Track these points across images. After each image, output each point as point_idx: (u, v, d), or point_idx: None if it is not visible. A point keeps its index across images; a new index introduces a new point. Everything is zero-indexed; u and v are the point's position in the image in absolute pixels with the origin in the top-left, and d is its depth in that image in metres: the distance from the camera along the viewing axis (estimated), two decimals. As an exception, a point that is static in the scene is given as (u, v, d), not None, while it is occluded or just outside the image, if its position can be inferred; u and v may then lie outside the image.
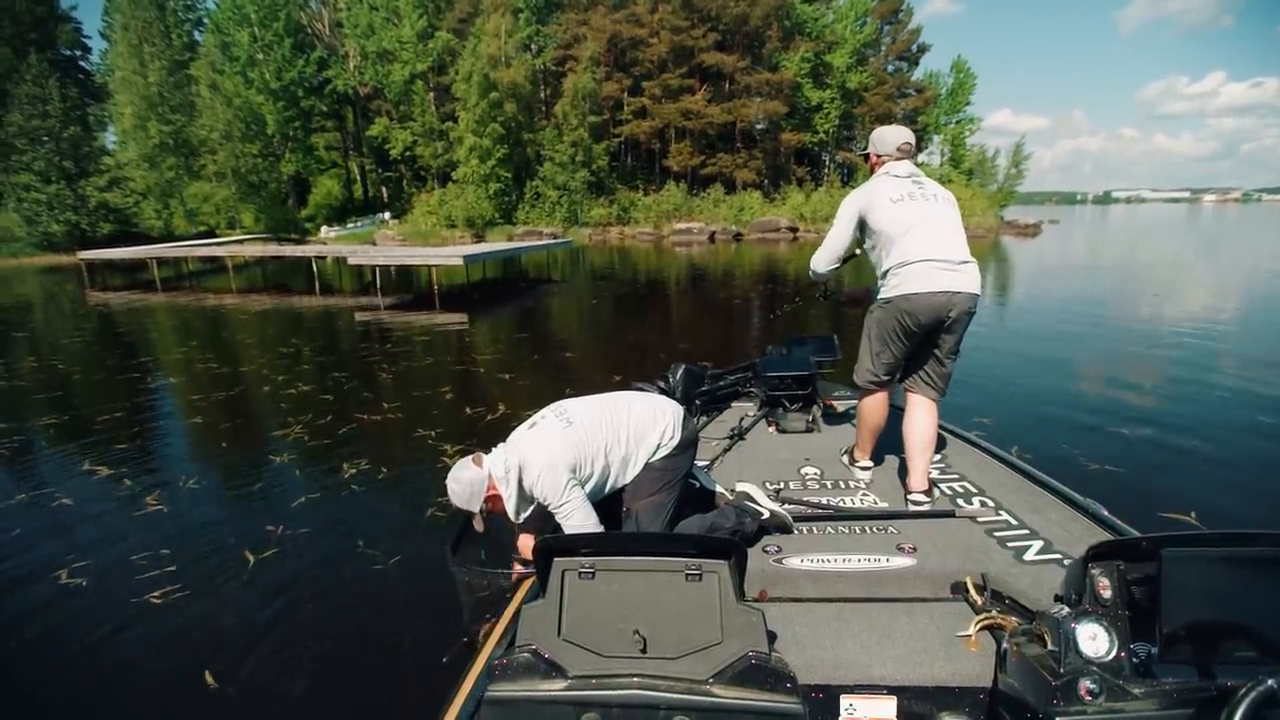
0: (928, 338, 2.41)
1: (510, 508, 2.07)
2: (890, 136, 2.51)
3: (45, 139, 25.85)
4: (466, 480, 2.04)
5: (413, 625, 2.75)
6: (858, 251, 2.61)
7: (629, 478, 2.14)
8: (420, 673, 2.47)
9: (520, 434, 2.12)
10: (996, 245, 26.54)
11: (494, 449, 2.11)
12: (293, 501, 4.00)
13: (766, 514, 2.21)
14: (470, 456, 2.11)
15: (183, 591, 3.06)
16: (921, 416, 2.48)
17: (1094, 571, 1.33)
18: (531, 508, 2.11)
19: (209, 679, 2.47)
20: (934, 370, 2.47)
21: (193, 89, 31.95)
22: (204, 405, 6.22)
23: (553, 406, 2.18)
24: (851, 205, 2.47)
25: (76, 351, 9.10)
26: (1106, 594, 1.30)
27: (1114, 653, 1.26)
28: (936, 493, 2.48)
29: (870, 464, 2.72)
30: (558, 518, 2.03)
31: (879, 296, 2.45)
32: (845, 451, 2.92)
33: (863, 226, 2.46)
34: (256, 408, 6.20)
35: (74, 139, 26.74)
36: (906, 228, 2.33)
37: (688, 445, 2.20)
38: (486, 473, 2.05)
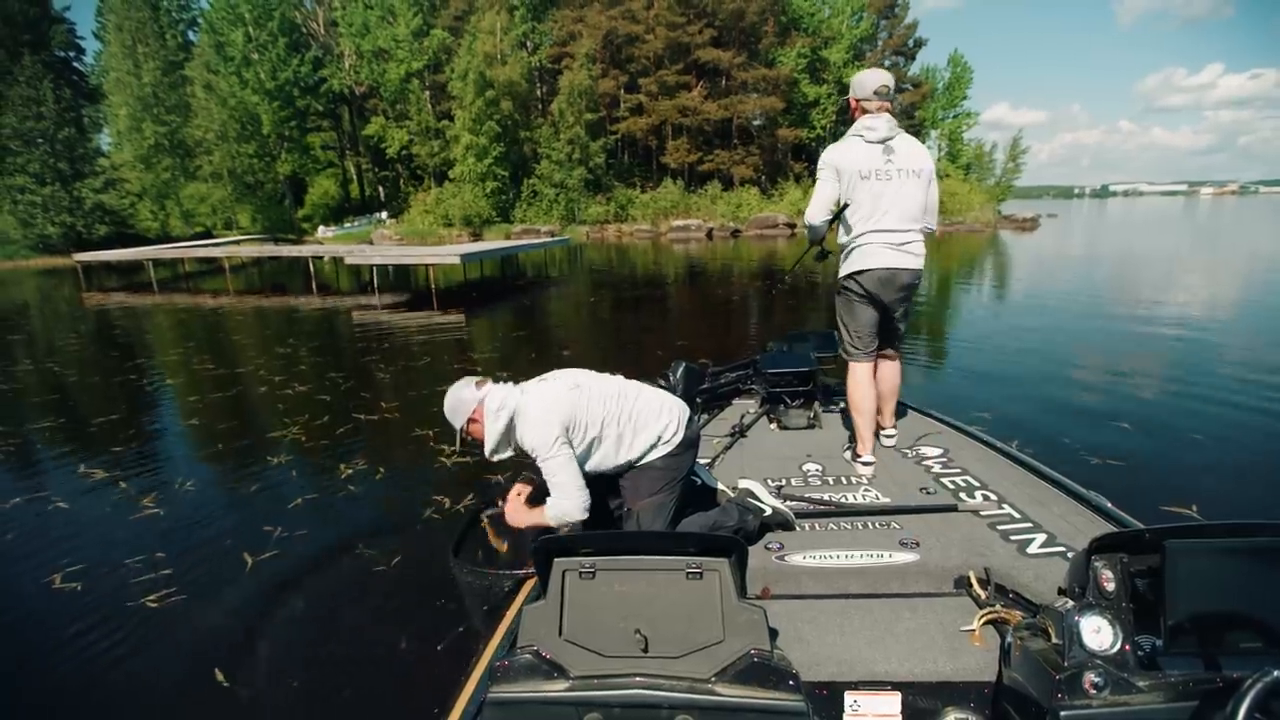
0: (885, 307, 2.76)
1: (488, 444, 2.08)
2: (868, 80, 2.64)
3: (40, 141, 25.78)
4: (460, 397, 2.10)
5: (414, 627, 2.71)
6: (847, 201, 2.69)
7: (620, 459, 2.11)
8: (423, 675, 2.44)
9: (529, 383, 2.15)
10: (994, 239, 26.55)
11: (504, 382, 2.15)
12: (291, 502, 3.97)
13: (769, 511, 2.20)
14: (478, 377, 2.16)
15: (179, 595, 3.03)
16: (885, 369, 2.93)
17: (1097, 564, 1.32)
18: (509, 451, 2.12)
19: (219, 677, 2.45)
20: (889, 330, 2.86)
21: (187, 89, 31.91)
22: (201, 407, 6.20)
23: (568, 370, 2.19)
24: (829, 162, 2.66)
25: (73, 354, 9.08)
26: (1110, 586, 1.29)
27: (1118, 645, 1.24)
28: (938, 487, 2.47)
29: (873, 459, 2.74)
30: (544, 473, 2.04)
31: (839, 275, 2.82)
32: (846, 447, 2.94)
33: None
34: (253, 409, 6.18)
35: (69, 140, 26.68)
36: (865, 206, 2.61)
37: (690, 445, 2.18)
38: (480, 399, 2.08)
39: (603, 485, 2.23)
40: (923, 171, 2.63)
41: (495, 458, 2.11)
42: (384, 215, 36.33)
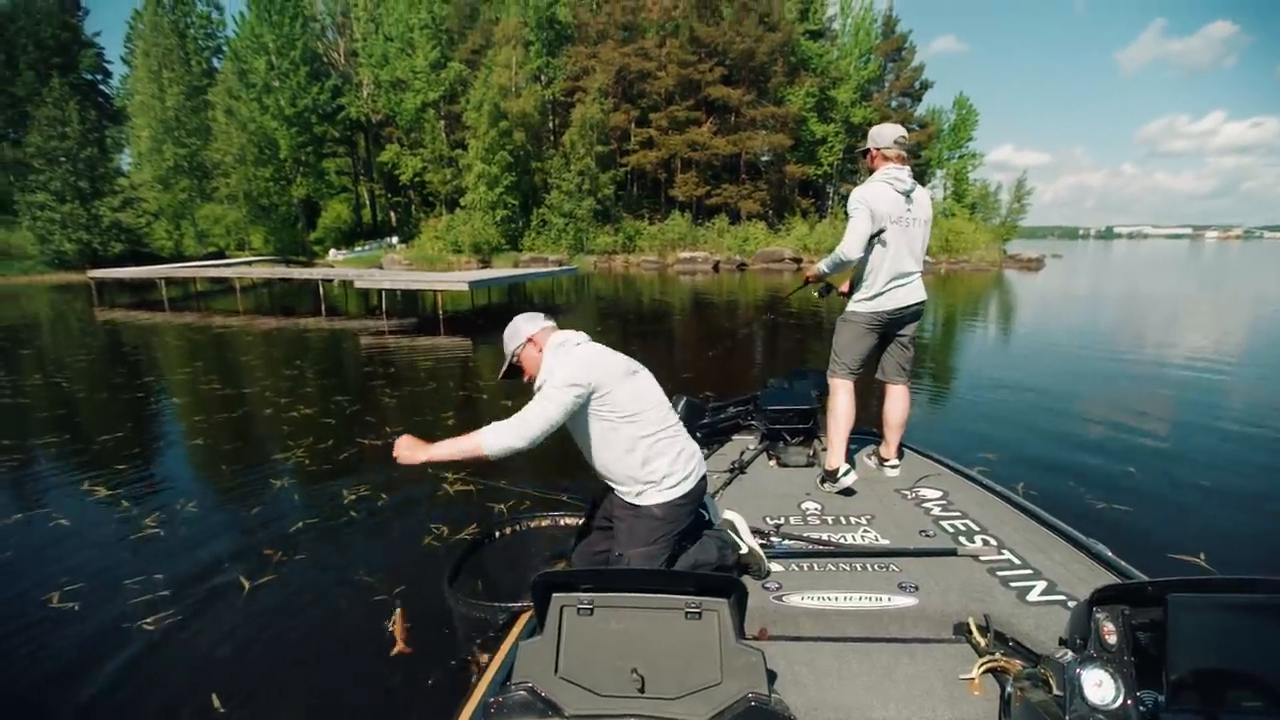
0: (889, 336, 3.03)
1: (541, 373, 2.05)
2: (887, 131, 2.90)
3: (62, 159, 26.30)
4: (529, 319, 2.15)
5: (409, 658, 2.70)
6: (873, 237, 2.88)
7: (624, 466, 2.03)
8: (415, 709, 2.42)
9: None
10: (999, 278, 26.63)
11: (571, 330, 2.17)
12: (291, 526, 3.97)
13: (744, 550, 2.16)
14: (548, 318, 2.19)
15: (176, 617, 3.02)
16: (897, 400, 3.10)
17: (1099, 616, 1.31)
18: (536, 389, 2.07)
19: (215, 703, 2.43)
20: (901, 360, 3.07)
21: (209, 114, 32.62)
22: (206, 427, 6.22)
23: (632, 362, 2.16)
24: (864, 200, 2.81)
25: (81, 369, 9.14)
26: (1111, 639, 1.28)
27: (1120, 700, 1.23)
28: (938, 530, 2.46)
29: (849, 466, 2.89)
30: (535, 398, 1.98)
31: (850, 307, 3.02)
32: (821, 477, 2.98)
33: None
34: (258, 430, 6.20)
35: (90, 160, 27.21)
36: (888, 248, 2.84)
37: (694, 500, 2.11)
38: (548, 329, 2.13)
39: (604, 523, 2.23)
40: (929, 220, 2.94)
41: (536, 388, 2.07)
42: (394, 240, 36.76)
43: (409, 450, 1.97)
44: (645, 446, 2.02)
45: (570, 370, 1.95)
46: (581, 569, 1.93)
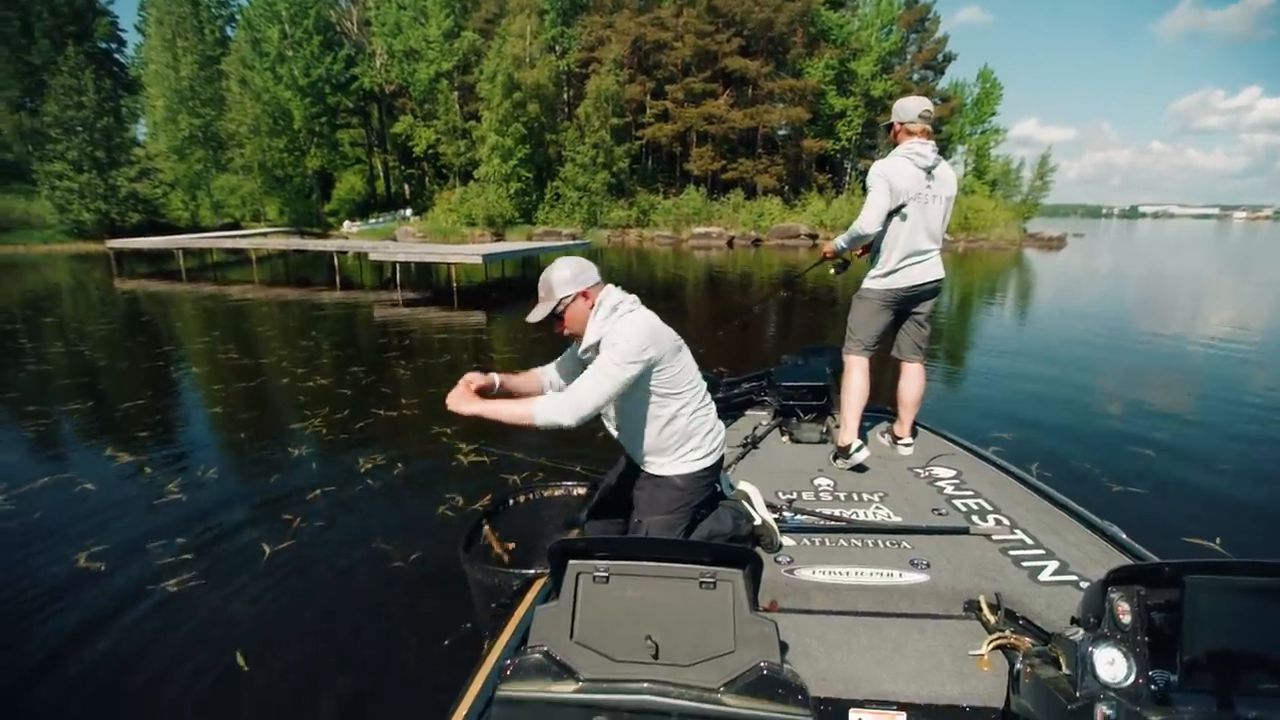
0: (905, 313, 3.00)
1: (589, 330, 1.93)
2: (911, 105, 2.82)
3: (79, 129, 26.36)
4: (584, 267, 1.95)
5: (425, 621, 2.77)
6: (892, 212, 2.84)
7: (656, 439, 2.01)
8: (431, 669, 2.49)
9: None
10: (1019, 257, 26.23)
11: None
12: (309, 494, 4.05)
13: (758, 521, 2.17)
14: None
15: (199, 580, 3.11)
16: (912, 379, 3.08)
17: (1113, 595, 1.31)
18: (586, 347, 1.97)
19: (240, 661, 2.51)
20: (917, 338, 3.04)
21: (223, 84, 32.53)
22: (224, 395, 6.32)
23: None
24: (883, 175, 2.78)
25: (102, 338, 9.28)
26: (1126, 619, 1.28)
27: (1132, 679, 1.24)
28: (950, 509, 2.46)
29: (861, 442, 2.90)
30: (589, 370, 1.87)
31: (865, 283, 2.99)
32: (833, 453, 2.98)
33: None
34: (276, 399, 6.28)
35: (106, 129, 27.26)
36: (905, 225, 2.81)
37: (714, 472, 2.13)
38: (602, 285, 1.97)
39: (617, 492, 2.25)
40: (952, 196, 2.87)
41: (580, 351, 2.01)
42: (408, 212, 36.71)
43: (461, 399, 1.91)
44: (684, 420, 2.01)
45: (634, 343, 1.84)
46: (598, 537, 1.94)
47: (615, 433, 2.12)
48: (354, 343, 9.25)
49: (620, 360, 1.83)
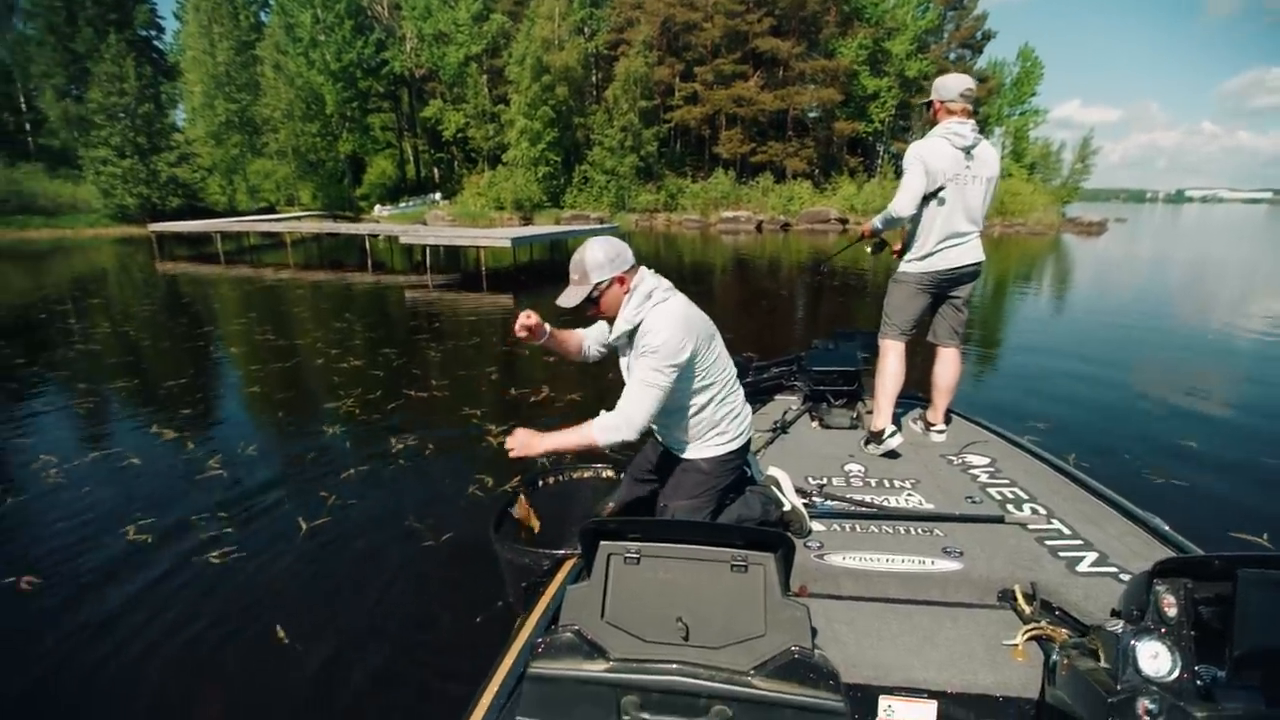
0: (942, 296, 2.95)
1: (621, 318, 1.91)
2: (952, 83, 2.75)
3: (121, 115, 27.00)
4: (620, 251, 1.90)
5: (457, 599, 2.82)
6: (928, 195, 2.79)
7: (686, 427, 2.02)
8: (463, 645, 2.54)
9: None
10: (1057, 243, 25.48)
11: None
12: (343, 472, 4.14)
13: (787, 507, 2.15)
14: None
15: (240, 553, 3.21)
16: (947, 364, 3.02)
17: (1159, 588, 1.27)
18: (619, 335, 1.96)
19: (280, 634, 2.59)
20: (954, 322, 2.98)
21: (257, 69, 33.01)
22: (262, 375, 6.47)
23: None
24: (919, 157, 2.72)
25: (146, 319, 9.57)
26: (1171, 612, 1.25)
27: (1177, 673, 1.20)
28: (984, 496, 2.42)
29: (895, 428, 2.84)
30: (633, 379, 1.86)
31: (901, 266, 2.93)
32: (865, 439, 2.94)
33: None
34: (311, 380, 6.42)
35: (147, 116, 27.88)
36: (944, 212, 2.75)
37: (741, 456, 2.14)
38: (638, 269, 1.92)
39: (645, 475, 2.25)
40: (993, 177, 2.79)
41: (611, 338, 2.03)
42: (438, 196, 36.98)
43: (527, 441, 1.90)
44: (714, 407, 2.01)
45: (672, 345, 1.82)
46: (630, 519, 1.95)
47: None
48: (385, 325, 9.39)
49: (661, 366, 1.83)
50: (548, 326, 2.12)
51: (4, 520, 3.57)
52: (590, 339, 2.24)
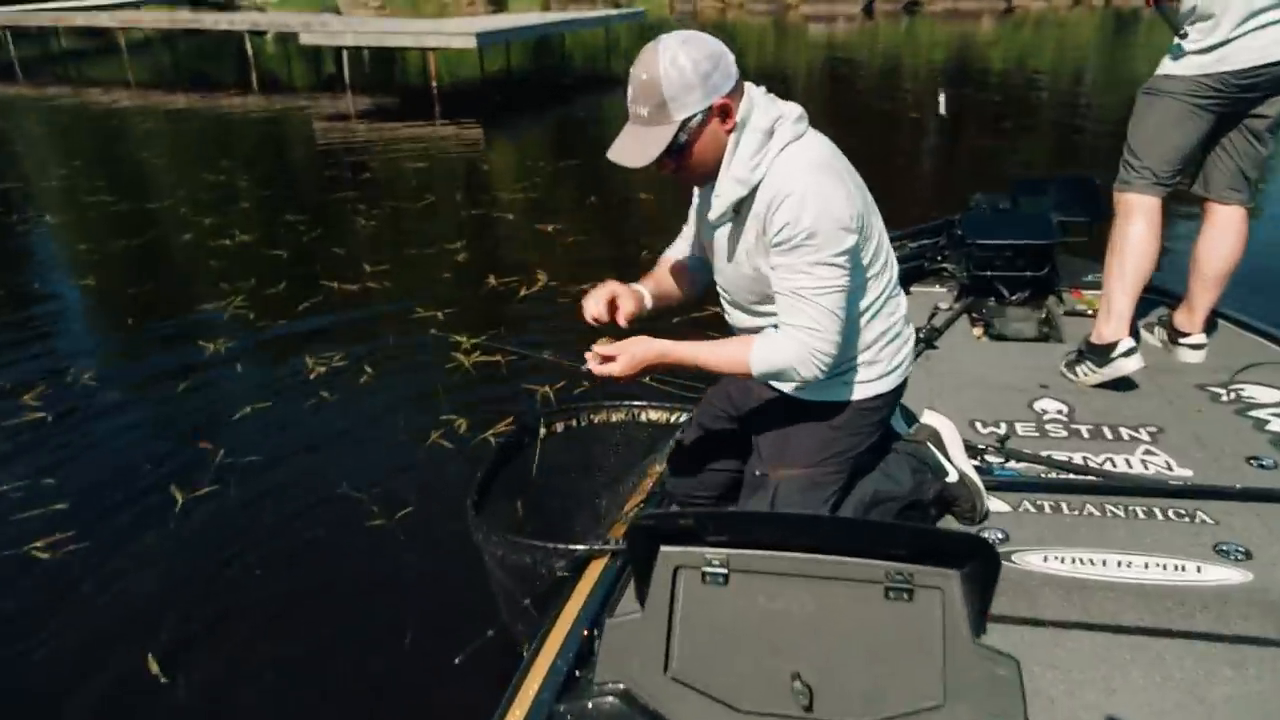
0: (1230, 117, 2.73)
1: (728, 172, 1.71)
2: None
3: None
4: (725, 75, 1.65)
5: (419, 620, 2.79)
6: None
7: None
8: (434, 700, 2.51)
9: None
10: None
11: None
12: (236, 412, 4.14)
13: (953, 476, 2.11)
14: None
15: (80, 542, 3.21)
16: (1224, 233, 2.87)
17: None
18: (729, 204, 1.75)
19: (154, 669, 2.63)
20: (1245, 162, 2.79)
21: None
22: (98, 260, 6.51)
23: None
24: None
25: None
26: None
27: None
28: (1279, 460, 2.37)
29: (1133, 341, 2.75)
30: (792, 281, 1.70)
31: (1167, 65, 2.75)
32: (1071, 357, 2.93)
33: None
34: (176, 265, 6.47)
35: None
36: None
37: (897, 397, 2.05)
38: (747, 87, 1.70)
39: (721, 425, 2.16)
40: None
41: (717, 217, 1.79)
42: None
43: (632, 351, 1.75)
44: (870, 322, 1.90)
45: (838, 207, 1.65)
46: (708, 510, 1.88)
47: (743, 331, 1.98)
48: (286, 177, 9.43)
49: (827, 258, 1.65)
50: (643, 290, 1.97)
51: None
52: (688, 253, 2.13)
